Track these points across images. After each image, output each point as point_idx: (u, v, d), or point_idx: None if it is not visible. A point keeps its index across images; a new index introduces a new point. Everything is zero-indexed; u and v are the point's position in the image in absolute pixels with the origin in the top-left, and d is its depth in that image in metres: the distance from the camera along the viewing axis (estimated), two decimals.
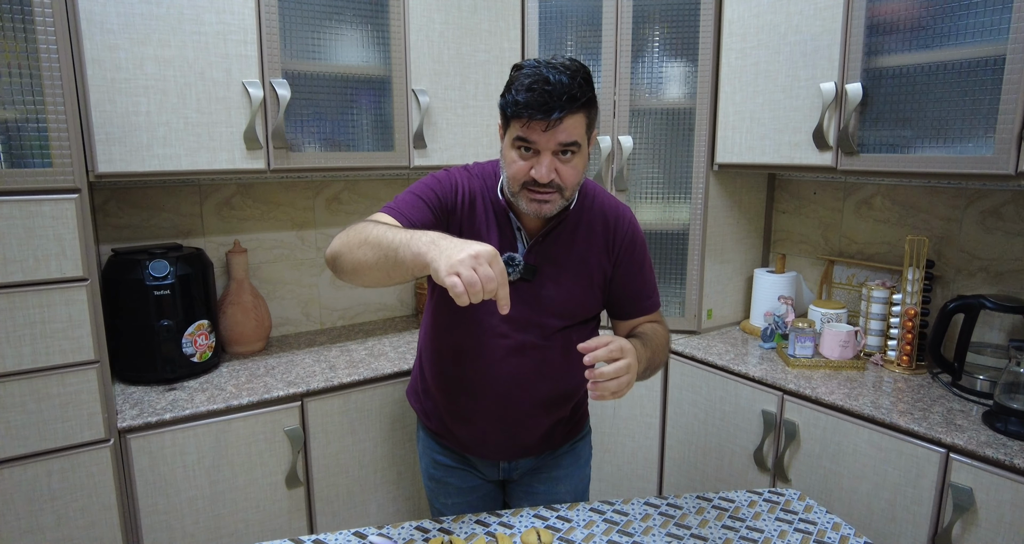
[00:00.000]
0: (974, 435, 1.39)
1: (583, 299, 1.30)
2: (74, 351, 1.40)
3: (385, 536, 1.18)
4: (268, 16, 1.66)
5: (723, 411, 1.85)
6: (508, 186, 1.19)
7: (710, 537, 1.19)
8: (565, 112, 1.08)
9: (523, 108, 1.09)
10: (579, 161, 1.16)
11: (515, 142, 1.14)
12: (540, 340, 1.29)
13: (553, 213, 1.19)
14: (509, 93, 1.13)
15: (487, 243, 1.00)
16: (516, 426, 1.34)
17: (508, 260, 1.24)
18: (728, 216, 2.11)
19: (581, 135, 1.14)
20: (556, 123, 1.09)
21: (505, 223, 1.26)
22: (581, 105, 1.10)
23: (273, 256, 2.12)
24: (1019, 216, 1.69)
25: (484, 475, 1.43)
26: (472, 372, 1.31)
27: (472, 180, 1.27)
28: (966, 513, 1.35)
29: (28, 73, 1.30)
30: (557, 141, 1.11)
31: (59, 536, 1.43)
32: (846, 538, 1.19)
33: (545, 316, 1.28)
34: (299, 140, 1.77)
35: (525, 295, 1.26)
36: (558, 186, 1.15)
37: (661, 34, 1.97)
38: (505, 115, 1.16)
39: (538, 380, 1.31)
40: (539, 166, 1.12)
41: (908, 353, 1.75)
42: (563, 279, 1.28)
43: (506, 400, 1.31)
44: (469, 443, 1.38)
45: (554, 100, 1.07)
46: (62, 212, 1.36)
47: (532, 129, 1.10)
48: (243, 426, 1.62)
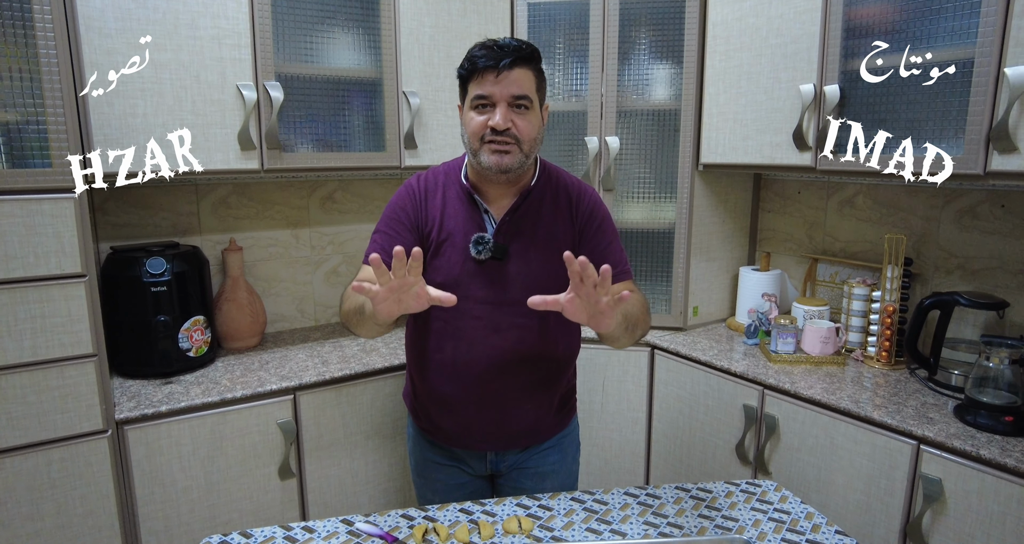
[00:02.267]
0: (944, 427, 1.43)
1: (555, 273, 1.33)
2: (73, 345, 1.45)
3: (371, 523, 1.22)
4: (261, 20, 1.71)
5: (706, 405, 1.89)
6: (470, 146, 1.28)
7: (686, 525, 1.23)
8: (513, 59, 1.22)
9: (477, 58, 1.23)
10: (533, 117, 1.27)
11: (473, 102, 1.25)
12: (516, 319, 1.33)
13: (513, 167, 1.26)
14: (464, 59, 1.27)
15: (458, 226, 1.29)
16: (500, 412, 1.38)
17: (478, 240, 1.31)
18: (714, 215, 2.15)
19: (531, 91, 1.26)
20: (506, 71, 1.21)
21: (471, 205, 1.34)
22: (528, 59, 1.24)
23: (268, 254, 2.17)
24: (994, 215, 1.73)
25: (472, 470, 1.46)
26: (451, 355, 1.35)
27: (428, 178, 1.38)
28: (935, 503, 1.40)
29: (28, 76, 1.35)
30: (510, 93, 1.23)
31: (59, 523, 1.48)
32: (818, 527, 1.23)
33: (518, 294, 1.31)
34: (292, 141, 1.82)
35: (497, 274, 1.32)
36: (515, 137, 1.25)
37: (647, 37, 2.02)
38: (463, 79, 1.28)
39: (517, 361, 1.35)
40: (495, 115, 1.23)
41: (887, 349, 1.79)
42: (533, 255, 1.33)
43: (487, 383, 1.35)
44: (455, 434, 1.42)
45: (504, 51, 1.23)
46: (61, 211, 1.40)
47: (485, 80, 1.23)
48: (237, 419, 1.66)
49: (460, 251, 1.32)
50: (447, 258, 1.33)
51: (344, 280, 2.33)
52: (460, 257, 1.32)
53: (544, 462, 1.47)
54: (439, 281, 1.31)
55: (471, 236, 1.31)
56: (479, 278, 1.32)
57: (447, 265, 1.33)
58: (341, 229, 2.29)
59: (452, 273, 1.32)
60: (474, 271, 1.32)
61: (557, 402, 1.44)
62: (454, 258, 1.32)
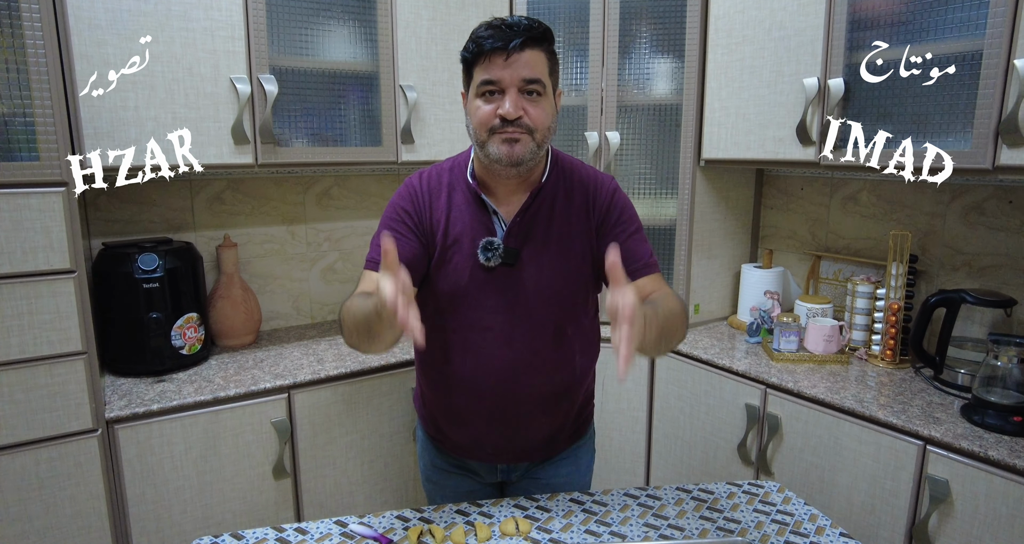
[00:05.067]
0: (951, 428, 1.40)
1: (571, 278, 1.24)
2: (62, 342, 1.42)
3: (366, 525, 1.19)
4: (256, 12, 1.68)
5: (708, 405, 1.87)
6: (477, 138, 1.16)
7: (687, 527, 1.21)
8: (523, 40, 1.09)
9: (484, 40, 1.09)
10: (546, 103, 1.15)
11: (480, 89, 1.12)
12: (529, 329, 1.23)
13: (524, 158, 1.14)
14: (469, 40, 1.13)
15: (465, 230, 1.18)
16: (513, 427, 1.30)
17: (487, 245, 1.20)
18: (716, 212, 2.13)
19: (544, 74, 1.13)
20: (516, 53, 1.08)
21: (480, 207, 1.22)
22: (539, 39, 1.11)
23: (263, 250, 2.14)
24: (1000, 211, 1.70)
25: (482, 478, 1.40)
26: (461, 369, 1.26)
27: (431, 177, 1.26)
28: (942, 505, 1.37)
29: (15, 68, 1.32)
30: (520, 76, 1.10)
31: (47, 524, 1.45)
32: (822, 529, 1.20)
33: (532, 302, 1.22)
34: (287, 135, 1.79)
35: (508, 281, 1.22)
36: (527, 126, 1.12)
37: (648, 30, 1.99)
38: (467, 63, 1.15)
39: (531, 374, 1.25)
40: (505, 102, 1.11)
41: (892, 347, 1.76)
42: (547, 259, 1.23)
43: (499, 398, 1.26)
44: (465, 446, 1.34)
45: (513, 30, 1.09)
46: (49, 205, 1.37)
47: (493, 64, 1.10)
48: (231, 417, 1.64)
49: (468, 257, 1.21)
50: (454, 265, 1.22)
51: (340, 277, 2.30)
52: (468, 264, 1.21)
53: (557, 473, 1.39)
54: (446, 290, 1.23)
55: (479, 241, 1.20)
56: (489, 286, 1.22)
57: (454, 273, 1.22)
58: (337, 225, 2.26)
59: (460, 282, 1.22)
60: (484, 279, 1.22)
61: (574, 413, 1.36)
62: (461, 265, 1.22)
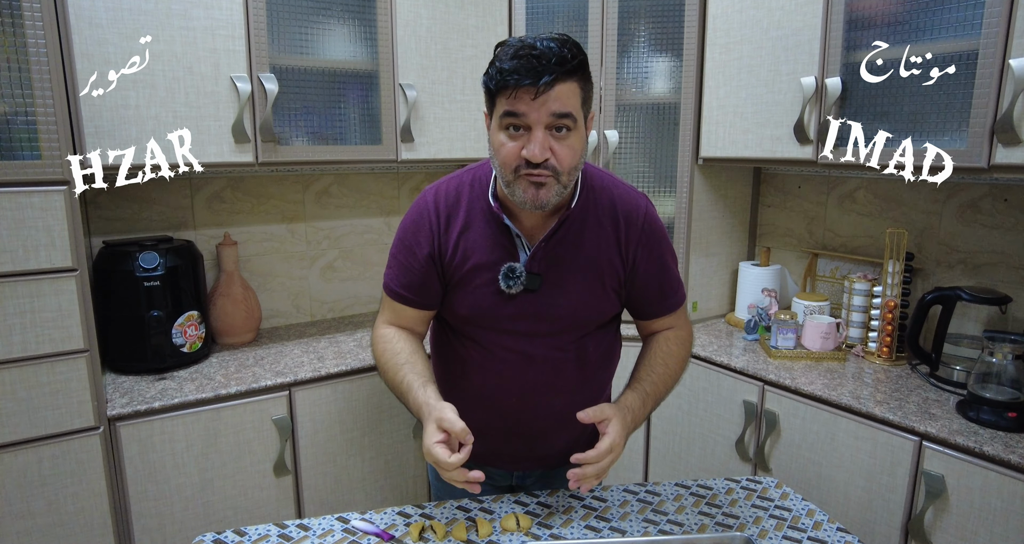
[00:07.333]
0: (947, 424, 1.42)
1: (596, 304, 1.20)
2: (64, 340, 1.42)
3: (368, 521, 1.20)
4: (256, 11, 1.68)
5: (706, 401, 1.88)
6: (501, 176, 1.08)
7: (686, 523, 1.22)
8: (555, 75, 0.98)
9: (509, 74, 0.99)
10: (576, 140, 1.04)
11: (503, 121, 1.03)
12: (551, 351, 1.20)
13: (550, 201, 1.06)
14: (493, 66, 1.03)
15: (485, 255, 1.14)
16: (531, 442, 1.28)
17: (508, 272, 1.14)
18: (713, 210, 2.14)
19: (576, 107, 1.03)
20: (546, 89, 0.98)
21: (502, 232, 1.15)
22: (573, 71, 1.01)
23: (263, 249, 2.15)
24: (996, 209, 1.71)
25: (494, 482, 1.39)
26: (481, 387, 1.23)
27: (449, 194, 1.18)
28: (938, 500, 1.38)
29: (17, 67, 1.32)
30: (549, 111, 1.00)
31: (50, 521, 1.46)
32: (820, 524, 1.21)
33: (555, 326, 1.18)
34: (287, 134, 1.79)
35: (531, 306, 1.17)
36: (554, 169, 1.03)
37: (647, 29, 1.99)
38: (490, 91, 1.05)
39: (552, 394, 1.22)
40: (531, 144, 1.01)
41: (888, 344, 1.77)
42: (572, 285, 1.17)
43: (519, 415, 1.24)
44: (480, 455, 1.29)
45: (542, 63, 0.98)
46: (51, 204, 1.38)
47: (520, 99, 1.00)
48: (231, 415, 1.64)
49: (489, 282, 1.16)
50: (473, 289, 1.17)
51: (340, 275, 2.31)
52: (489, 289, 1.16)
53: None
54: (464, 314, 1.19)
55: (500, 266, 1.14)
56: (511, 310, 1.17)
57: (474, 298, 1.17)
58: (337, 224, 2.27)
59: (480, 306, 1.17)
60: (504, 303, 1.17)
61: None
62: (482, 290, 1.17)
